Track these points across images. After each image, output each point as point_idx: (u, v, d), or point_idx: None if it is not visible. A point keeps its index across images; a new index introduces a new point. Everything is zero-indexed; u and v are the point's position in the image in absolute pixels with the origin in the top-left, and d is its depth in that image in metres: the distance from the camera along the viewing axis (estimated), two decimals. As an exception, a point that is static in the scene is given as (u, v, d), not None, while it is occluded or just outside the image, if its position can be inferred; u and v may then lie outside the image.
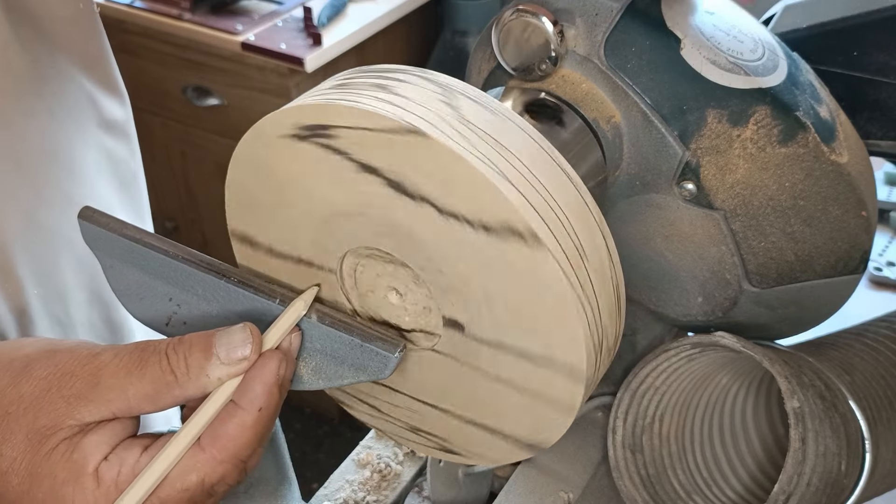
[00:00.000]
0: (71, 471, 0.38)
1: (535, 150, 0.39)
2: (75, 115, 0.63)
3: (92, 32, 0.65)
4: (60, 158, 0.61)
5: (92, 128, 0.65)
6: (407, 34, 1.88)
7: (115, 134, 0.68)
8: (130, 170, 0.72)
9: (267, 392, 0.39)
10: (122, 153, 0.70)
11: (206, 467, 0.38)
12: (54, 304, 0.62)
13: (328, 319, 0.42)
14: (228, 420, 0.39)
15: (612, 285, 0.41)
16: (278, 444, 0.50)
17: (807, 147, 0.47)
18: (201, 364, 0.39)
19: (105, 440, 0.39)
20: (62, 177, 0.61)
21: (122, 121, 0.69)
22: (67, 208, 0.62)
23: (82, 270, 0.64)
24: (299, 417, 2.01)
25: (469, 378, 0.44)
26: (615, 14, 0.47)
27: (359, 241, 0.43)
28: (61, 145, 0.61)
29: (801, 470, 0.46)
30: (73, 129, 0.63)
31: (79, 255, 0.63)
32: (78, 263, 0.64)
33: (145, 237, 0.44)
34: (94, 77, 0.65)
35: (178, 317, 0.44)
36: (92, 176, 0.65)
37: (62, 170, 0.61)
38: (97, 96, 0.66)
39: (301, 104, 0.40)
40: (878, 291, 0.82)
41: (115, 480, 0.38)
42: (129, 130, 0.71)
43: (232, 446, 0.39)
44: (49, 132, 0.60)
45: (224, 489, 0.40)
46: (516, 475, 0.58)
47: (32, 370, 0.40)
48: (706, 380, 0.56)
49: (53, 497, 0.38)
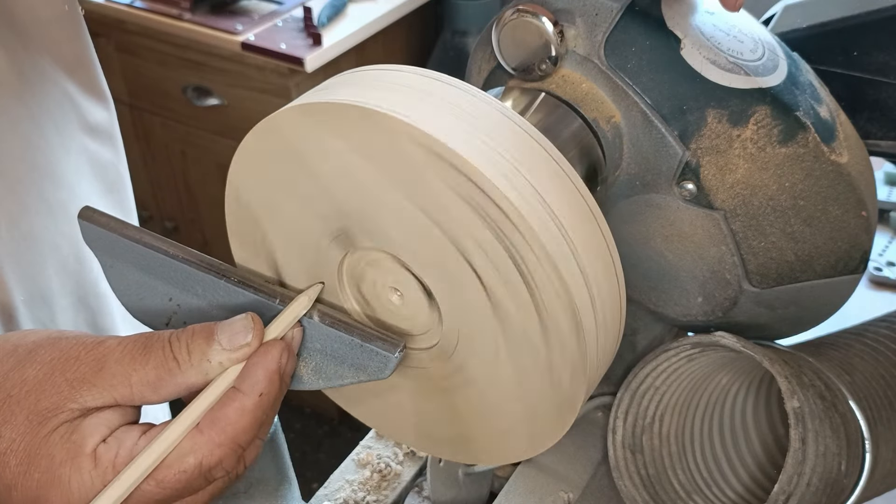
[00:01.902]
0: (69, 451, 0.38)
1: (534, 149, 0.39)
2: (57, 119, 0.63)
3: (76, 35, 0.64)
4: (42, 164, 0.61)
5: (75, 132, 0.65)
6: (407, 34, 1.88)
7: (99, 137, 0.68)
8: (116, 173, 0.71)
9: (268, 378, 0.39)
10: (107, 157, 0.69)
11: (203, 449, 0.38)
12: (40, 309, 0.62)
13: (328, 319, 0.42)
14: (228, 404, 0.39)
15: (613, 285, 0.41)
16: (278, 444, 0.50)
17: (807, 147, 0.47)
18: (203, 350, 0.39)
19: (104, 423, 0.39)
20: (44, 182, 0.61)
21: (106, 124, 0.69)
22: (50, 214, 0.61)
23: (67, 276, 0.64)
24: (299, 418, 2.01)
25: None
26: (615, 14, 0.47)
27: (360, 242, 0.43)
28: (42, 150, 0.61)
29: (801, 470, 0.46)
30: (55, 134, 0.62)
31: (63, 261, 0.63)
32: (63, 269, 0.63)
33: (145, 237, 0.44)
34: (78, 80, 0.65)
35: (178, 317, 0.44)
36: (75, 180, 0.65)
37: (44, 175, 0.61)
38: (80, 100, 0.65)
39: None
40: (878, 291, 0.82)
41: (112, 462, 0.38)
42: (113, 133, 0.70)
43: (231, 430, 0.39)
44: (30, 137, 0.60)
45: (221, 476, 0.40)
46: (516, 475, 0.58)
47: (37, 354, 0.40)
48: (706, 380, 0.56)
49: (50, 477, 0.38)
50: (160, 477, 0.38)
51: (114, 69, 1.80)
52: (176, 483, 0.38)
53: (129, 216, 0.75)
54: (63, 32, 0.62)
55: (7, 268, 0.58)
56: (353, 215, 0.42)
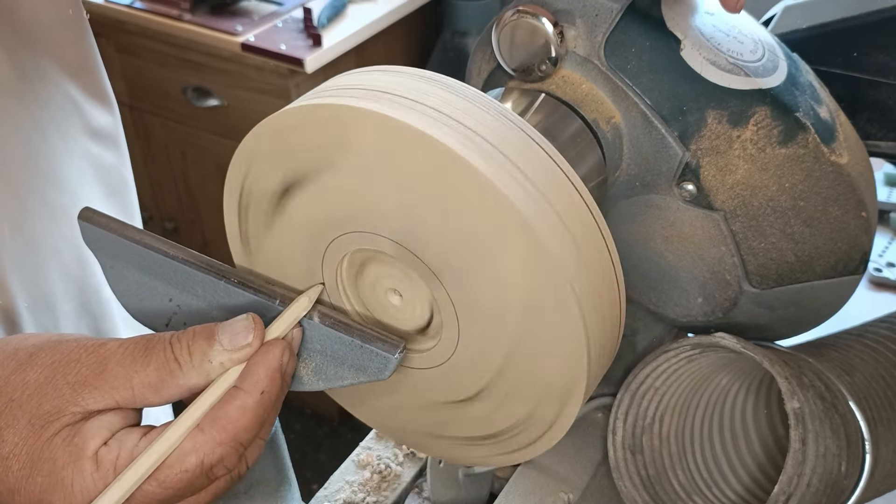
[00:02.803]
0: (71, 454, 0.38)
1: (534, 150, 0.39)
2: (61, 122, 0.62)
3: (80, 38, 0.64)
4: (44, 168, 0.60)
5: (78, 135, 0.65)
6: (407, 34, 1.88)
7: (103, 141, 0.67)
8: (120, 177, 0.71)
9: (269, 376, 0.39)
10: (110, 160, 0.69)
11: (204, 447, 0.38)
12: (43, 314, 0.62)
13: (328, 320, 0.42)
14: (230, 402, 0.39)
15: (613, 286, 0.41)
16: (278, 444, 0.50)
17: (807, 148, 0.47)
18: (204, 350, 0.39)
19: (106, 426, 0.39)
20: (46, 187, 0.61)
21: (109, 128, 0.68)
22: (52, 218, 0.61)
23: (70, 281, 0.64)
24: (299, 418, 2.01)
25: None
26: (615, 15, 0.47)
27: (359, 243, 0.43)
28: (45, 154, 0.60)
29: (801, 471, 0.46)
30: (58, 138, 0.62)
31: (66, 266, 0.63)
32: (66, 273, 0.63)
33: (145, 238, 0.44)
34: (81, 84, 0.64)
35: (178, 317, 0.44)
36: (78, 185, 0.64)
37: (46, 180, 0.61)
38: (83, 104, 0.65)
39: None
40: (878, 292, 0.82)
41: (113, 464, 0.38)
42: (117, 137, 0.70)
43: (232, 428, 0.39)
44: (33, 140, 0.59)
45: (223, 474, 0.40)
46: (516, 476, 0.58)
47: (38, 358, 0.40)
48: (706, 380, 0.56)
49: (53, 480, 0.38)
50: (162, 477, 0.38)
51: (114, 70, 1.80)
52: (178, 483, 0.38)
53: (133, 220, 0.74)
54: (66, 36, 0.62)
55: (10, 272, 0.58)
56: (349, 214, 0.42)
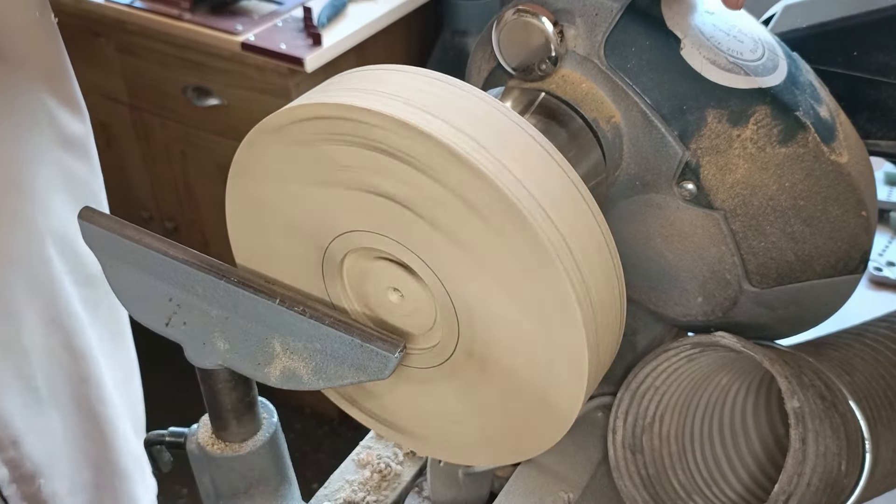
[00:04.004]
0: None
1: (534, 149, 0.39)
2: (27, 130, 0.61)
3: (49, 43, 0.62)
4: (12, 177, 0.59)
5: (49, 145, 0.63)
6: (407, 34, 1.88)
7: (75, 150, 0.66)
8: (89, 187, 0.69)
9: None
10: (81, 170, 0.68)
11: None
12: (3, 327, 0.60)
13: (328, 319, 0.42)
14: None
15: (613, 285, 0.41)
16: (278, 444, 0.50)
17: (807, 147, 0.47)
18: None
19: None
20: (12, 196, 0.59)
21: (81, 136, 0.67)
22: (18, 228, 0.59)
23: (37, 294, 0.62)
24: (299, 418, 2.01)
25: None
26: (615, 14, 0.47)
27: (360, 242, 0.43)
28: (13, 163, 0.59)
29: (801, 470, 0.46)
30: (28, 147, 0.60)
31: (32, 277, 0.61)
32: (32, 286, 0.61)
33: (145, 237, 0.44)
34: (53, 90, 0.63)
35: (178, 317, 0.44)
36: (46, 194, 0.63)
37: (13, 188, 0.59)
38: (55, 111, 0.63)
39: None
40: (878, 291, 0.82)
41: None
42: (88, 146, 0.68)
43: None
44: (1, 148, 0.58)
45: None
46: (516, 475, 0.58)
47: None
48: (706, 380, 0.56)
49: None
50: None
51: (114, 69, 1.80)
52: None
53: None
54: (36, 41, 0.60)
55: None
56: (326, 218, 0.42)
